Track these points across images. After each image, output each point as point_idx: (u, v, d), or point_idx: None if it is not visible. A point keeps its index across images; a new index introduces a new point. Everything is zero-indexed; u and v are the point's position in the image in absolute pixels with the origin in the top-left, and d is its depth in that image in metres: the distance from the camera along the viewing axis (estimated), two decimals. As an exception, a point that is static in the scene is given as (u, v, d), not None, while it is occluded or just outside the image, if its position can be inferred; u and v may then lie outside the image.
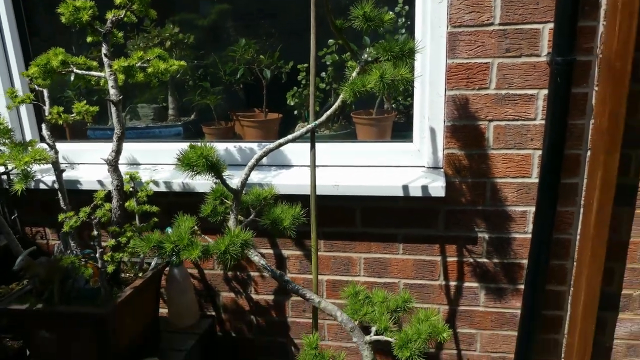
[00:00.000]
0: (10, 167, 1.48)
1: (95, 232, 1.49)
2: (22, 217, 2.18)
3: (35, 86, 1.79)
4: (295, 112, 2.19)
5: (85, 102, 1.78)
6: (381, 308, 1.40)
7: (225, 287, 2.13)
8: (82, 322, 1.53)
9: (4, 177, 1.91)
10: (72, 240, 1.75)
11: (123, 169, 1.75)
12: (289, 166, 2.00)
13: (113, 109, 1.59)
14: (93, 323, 1.51)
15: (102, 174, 1.99)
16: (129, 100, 2.35)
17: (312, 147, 1.50)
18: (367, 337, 1.34)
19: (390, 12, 1.38)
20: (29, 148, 1.53)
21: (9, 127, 1.58)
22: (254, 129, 2.17)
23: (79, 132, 2.35)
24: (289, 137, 1.42)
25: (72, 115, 1.79)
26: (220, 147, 2.01)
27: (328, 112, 1.43)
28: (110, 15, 1.58)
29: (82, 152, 2.15)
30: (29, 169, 1.39)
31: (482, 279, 1.91)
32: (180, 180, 1.90)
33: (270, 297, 2.10)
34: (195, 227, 1.34)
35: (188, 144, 1.33)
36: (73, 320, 1.54)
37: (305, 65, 2.12)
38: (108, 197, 1.71)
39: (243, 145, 2.01)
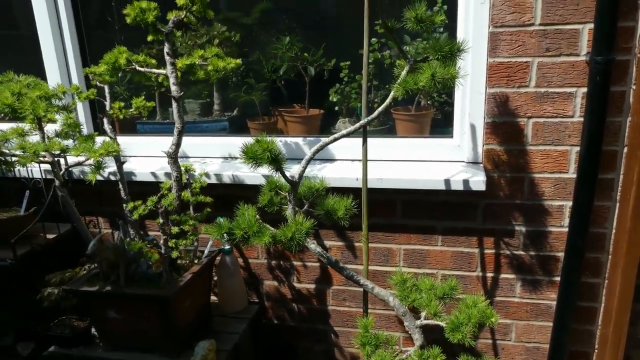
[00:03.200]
0: (82, 158, 1.59)
1: (161, 220, 1.60)
2: (75, 207, 2.30)
3: (97, 82, 1.90)
4: (336, 108, 2.28)
5: (142, 97, 1.89)
6: (429, 295, 1.48)
7: (269, 276, 2.23)
8: (147, 303, 1.64)
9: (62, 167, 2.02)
10: (132, 229, 1.87)
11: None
12: (332, 160, 2.09)
13: (174, 105, 1.70)
14: (158, 304, 1.63)
15: (155, 167, 2.11)
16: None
17: (364, 142, 1.59)
18: (418, 322, 1.43)
19: (442, 14, 1.45)
20: (93, 141, 1.64)
21: (78, 122, 1.69)
22: (297, 124, 2.26)
23: (128, 126, 2.46)
24: (344, 132, 1.50)
25: (131, 110, 1.90)
26: (266, 142, 2.11)
27: (380, 109, 1.52)
28: (171, 16, 1.68)
29: (133, 145, 2.26)
30: (101, 161, 1.50)
31: (518, 271, 1.98)
32: (230, 172, 2.00)
33: (312, 286, 2.20)
34: (257, 215, 1.43)
35: (248, 138, 1.42)
36: (139, 302, 1.65)
37: (348, 62, 2.20)
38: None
39: (288, 139, 2.11)
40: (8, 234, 1.92)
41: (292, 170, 1.52)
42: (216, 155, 2.19)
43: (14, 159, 1.56)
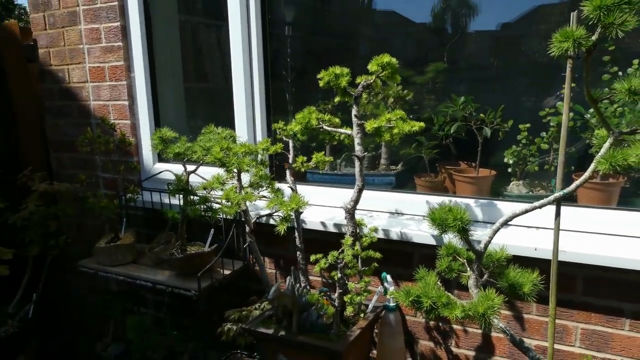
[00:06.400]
0: (273, 209, 1.73)
1: (339, 274, 1.66)
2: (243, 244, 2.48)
3: (283, 136, 2.07)
4: (509, 169, 2.19)
5: (323, 153, 2.01)
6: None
7: (425, 336, 2.17)
8: (318, 354, 1.70)
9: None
10: (303, 276, 1.96)
11: (339, 211, 1.88)
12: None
13: (357, 164, 1.77)
14: (328, 356, 1.67)
15: (324, 216, 2.20)
16: (344, 148, 2.56)
17: (557, 216, 1.51)
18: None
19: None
20: (282, 194, 1.77)
21: (267, 173, 1.84)
22: (466, 184, 2.22)
23: (298, 173, 2.62)
24: (536, 204, 1.44)
25: (311, 163, 2.03)
26: (435, 200, 2.10)
27: (577, 182, 1.43)
28: (361, 80, 1.78)
29: (303, 194, 2.39)
30: (291, 214, 1.61)
31: None
32: (397, 229, 2.02)
33: (471, 353, 2.10)
34: (439, 282, 1.42)
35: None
36: (310, 351, 1.71)
37: (528, 125, 2.13)
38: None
39: (459, 200, 2.07)
40: (193, 267, 2.14)
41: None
42: (382, 210, 2.23)
43: (215, 205, 1.75)
